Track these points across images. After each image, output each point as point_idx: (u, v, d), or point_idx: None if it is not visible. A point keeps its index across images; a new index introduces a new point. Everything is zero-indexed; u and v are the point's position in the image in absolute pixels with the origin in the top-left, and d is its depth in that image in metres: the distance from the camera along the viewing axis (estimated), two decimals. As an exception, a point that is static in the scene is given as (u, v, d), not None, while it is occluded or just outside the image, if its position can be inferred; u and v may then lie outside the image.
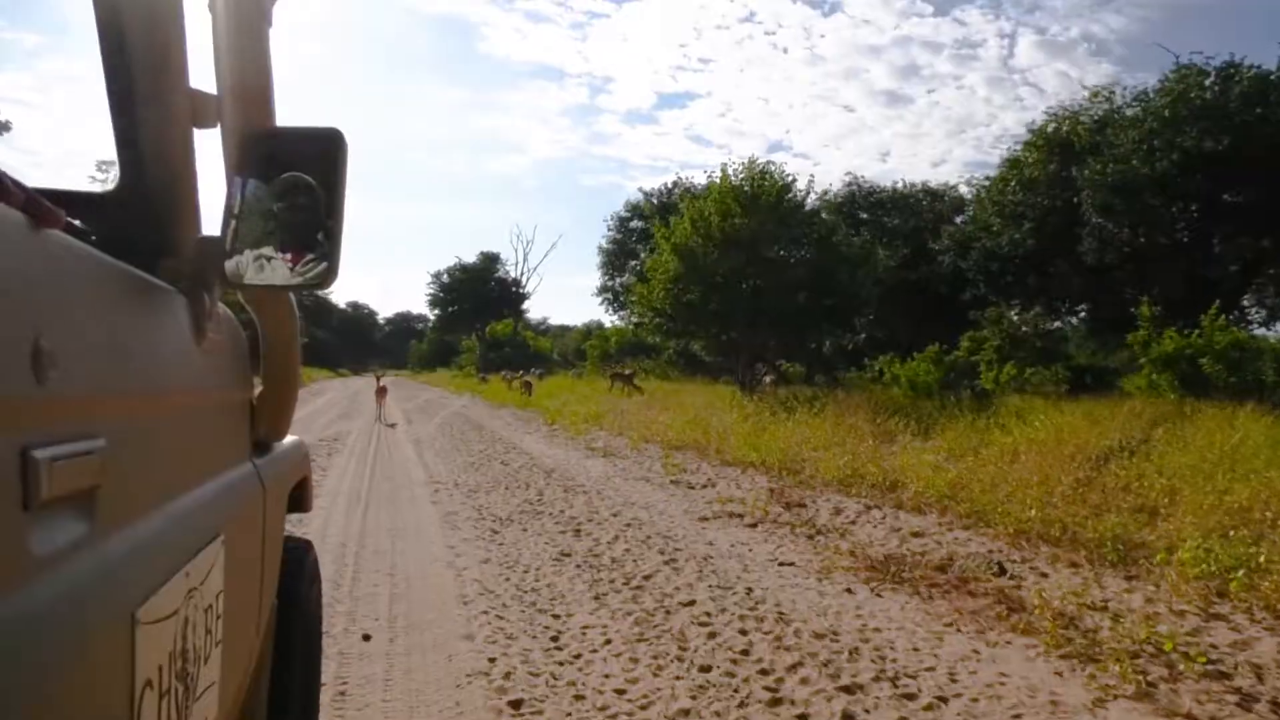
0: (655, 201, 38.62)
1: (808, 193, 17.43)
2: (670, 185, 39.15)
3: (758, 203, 16.26)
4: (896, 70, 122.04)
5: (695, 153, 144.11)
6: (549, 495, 7.32)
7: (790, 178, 16.94)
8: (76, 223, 0.99)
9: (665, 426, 12.56)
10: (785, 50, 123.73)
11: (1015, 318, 25.47)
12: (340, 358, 68.97)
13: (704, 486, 7.96)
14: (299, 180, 1.07)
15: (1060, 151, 28.88)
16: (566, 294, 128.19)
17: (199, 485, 1.01)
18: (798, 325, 16.91)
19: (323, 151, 1.10)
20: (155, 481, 0.87)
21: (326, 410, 19.03)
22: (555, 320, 73.61)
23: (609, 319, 46.05)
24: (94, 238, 0.90)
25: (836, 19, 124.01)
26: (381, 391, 16.59)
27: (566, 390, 24.97)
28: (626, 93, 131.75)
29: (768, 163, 16.96)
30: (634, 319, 19.03)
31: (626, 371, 23.58)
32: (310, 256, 1.07)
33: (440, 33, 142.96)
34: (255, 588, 1.31)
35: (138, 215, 1.09)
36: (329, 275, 1.07)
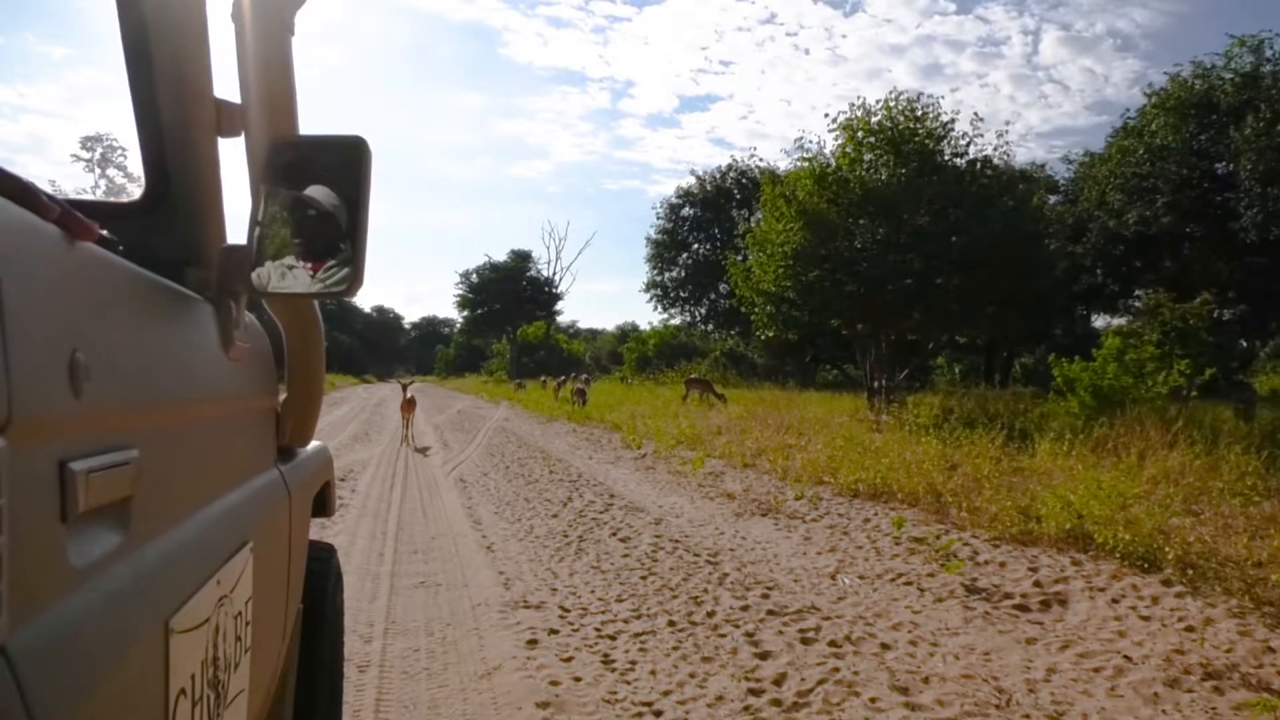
0: (710, 187, 34.59)
1: (971, 138, 13.16)
2: (725, 168, 35.10)
3: (902, 150, 12.13)
4: (919, 69, 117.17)
5: (717, 155, 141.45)
6: (772, 646, 3.34)
7: (949, 116, 12.78)
8: (105, 233, 0.91)
9: (823, 459, 8.55)
10: (807, 51, 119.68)
11: (1176, 307, 21.05)
12: (365, 363, 65.82)
13: (1044, 604, 3.97)
14: (307, 200, 1.06)
15: (1197, 112, 24.55)
16: (592, 299, 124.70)
17: (228, 493, 1.00)
18: (966, 314, 12.71)
19: (347, 159, 1.08)
20: (186, 490, 0.86)
21: (341, 426, 15.24)
22: (583, 325, 70.26)
23: (657, 318, 42.04)
24: (121, 248, 0.88)
25: (858, 19, 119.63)
26: (409, 405, 12.79)
27: (623, 399, 21.04)
28: (648, 96, 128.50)
29: (918, 95, 12.84)
30: (740, 303, 14.89)
31: (695, 376, 19.60)
32: (333, 263, 1.05)
33: (463, 39, 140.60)
34: (282, 593, 1.29)
35: (164, 225, 1.09)
36: (354, 282, 1.05)
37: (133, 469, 0.66)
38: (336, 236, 1.05)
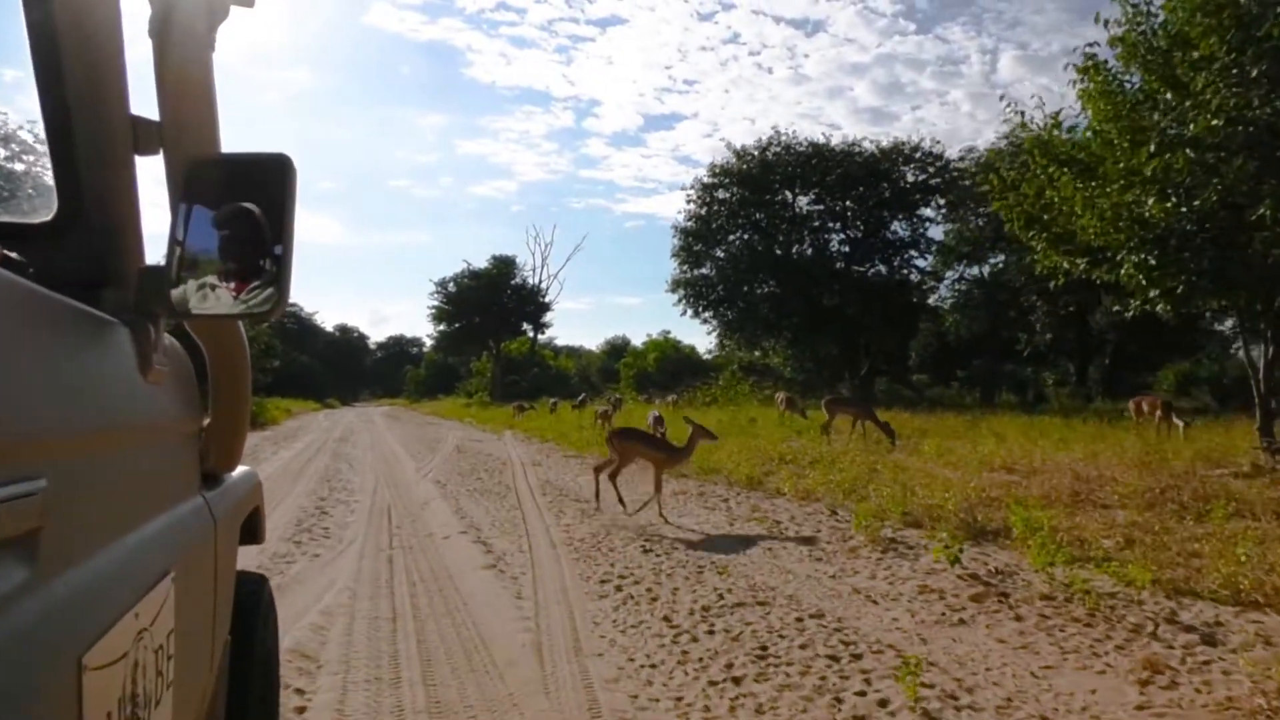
0: (749, 164, 28.57)
1: None
2: (766, 141, 29.14)
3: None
4: (880, 88, 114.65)
5: (683, 173, 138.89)
6: None
7: None
8: (13, 255, 0.93)
9: None
10: (770, 70, 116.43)
11: None
12: (327, 386, 58.60)
13: None
14: (243, 210, 1.01)
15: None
16: (564, 316, 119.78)
17: (147, 522, 0.96)
18: None
19: (270, 178, 1.03)
20: (101, 520, 0.82)
21: (279, 495, 8.69)
22: (560, 342, 64.05)
23: (693, 325, 35.54)
24: (31, 270, 0.84)
25: (819, 39, 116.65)
26: None
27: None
28: (613, 115, 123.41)
29: None
30: (1038, 259, 8.99)
31: (836, 396, 13.51)
32: (256, 283, 1.00)
33: (426, 59, 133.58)
34: (208, 625, 1.26)
35: (77, 245, 1.05)
36: (278, 303, 1.00)
37: (40, 500, 0.63)
38: (260, 256, 1.00)
